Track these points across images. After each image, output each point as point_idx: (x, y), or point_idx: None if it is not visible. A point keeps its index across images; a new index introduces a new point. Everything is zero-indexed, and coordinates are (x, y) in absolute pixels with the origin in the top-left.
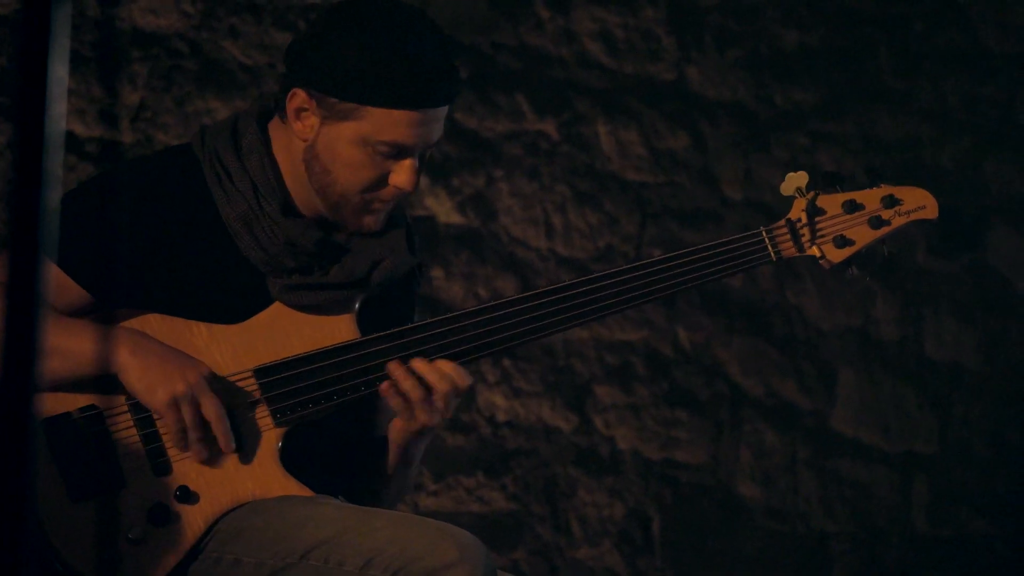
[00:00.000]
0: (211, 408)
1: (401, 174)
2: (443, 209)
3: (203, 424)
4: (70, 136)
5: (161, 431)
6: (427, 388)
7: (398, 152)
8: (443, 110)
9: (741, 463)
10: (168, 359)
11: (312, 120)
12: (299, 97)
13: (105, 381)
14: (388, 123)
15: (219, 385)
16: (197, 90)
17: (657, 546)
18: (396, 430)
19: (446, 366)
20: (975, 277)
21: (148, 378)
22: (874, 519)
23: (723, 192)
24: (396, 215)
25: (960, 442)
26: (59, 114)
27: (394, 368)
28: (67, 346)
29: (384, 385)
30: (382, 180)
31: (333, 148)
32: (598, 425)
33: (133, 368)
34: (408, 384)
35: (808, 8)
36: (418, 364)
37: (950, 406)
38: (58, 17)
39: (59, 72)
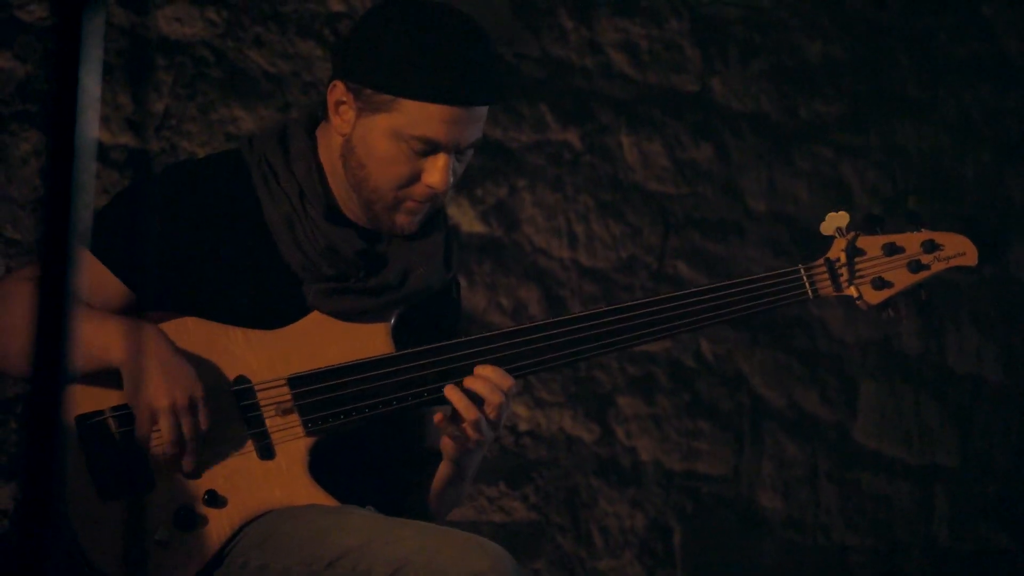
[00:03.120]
0: (185, 431)
1: (433, 173)
2: (466, 218)
3: (176, 440)
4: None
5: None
6: (479, 403)
7: (431, 148)
8: (479, 111)
9: (762, 475)
10: (169, 370)
11: (349, 114)
12: (338, 89)
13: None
14: (421, 117)
15: (209, 406)
16: (221, 98)
17: (678, 557)
18: (448, 447)
19: (487, 370)
20: (997, 289)
21: (140, 377)
22: (895, 532)
23: (746, 203)
24: (438, 224)
25: (982, 455)
26: (90, 124)
27: (451, 392)
28: (84, 339)
29: (438, 416)
30: (415, 177)
31: (367, 141)
32: (620, 436)
33: (134, 364)
34: (463, 405)
35: (831, 20)
36: (471, 382)
37: (972, 419)
38: (90, 28)
39: (90, 83)
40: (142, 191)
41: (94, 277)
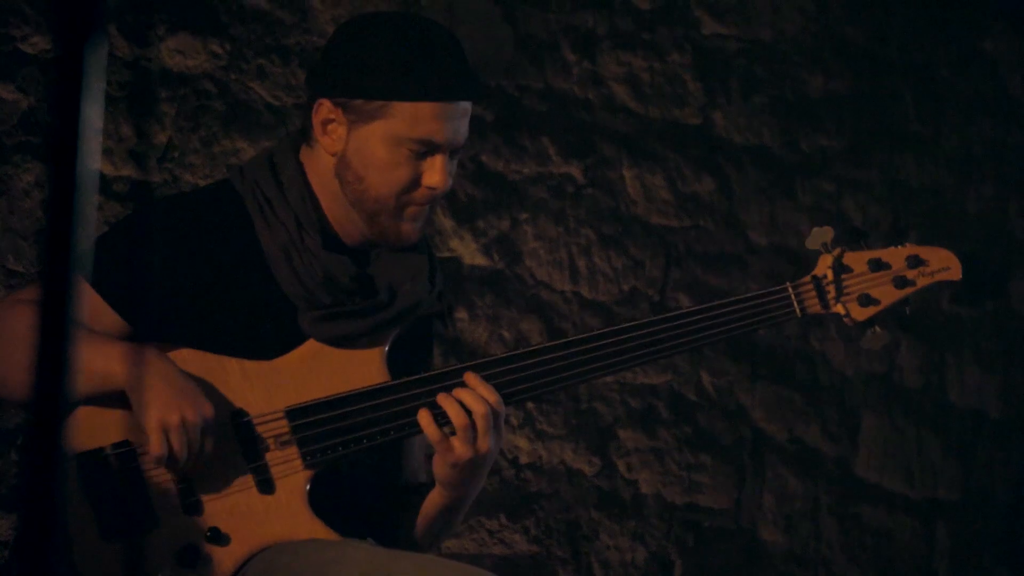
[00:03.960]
0: (192, 448)
1: (433, 174)
2: (468, 251)
3: (183, 457)
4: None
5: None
6: (468, 413)
7: (428, 149)
8: (468, 107)
9: (764, 508)
10: (177, 388)
11: (340, 130)
12: (324, 107)
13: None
14: (416, 118)
15: (216, 431)
16: (224, 130)
17: None
18: (436, 467)
19: (472, 379)
20: (998, 324)
21: (151, 396)
22: (896, 566)
23: (748, 237)
24: (421, 242)
25: (983, 489)
26: (92, 156)
27: (442, 399)
28: (89, 363)
29: (422, 412)
30: (415, 181)
31: (363, 152)
32: (621, 469)
33: (143, 385)
34: (453, 411)
35: (833, 54)
36: (458, 392)
37: (973, 453)
38: (92, 60)
39: (92, 115)
40: (138, 223)
41: (90, 308)
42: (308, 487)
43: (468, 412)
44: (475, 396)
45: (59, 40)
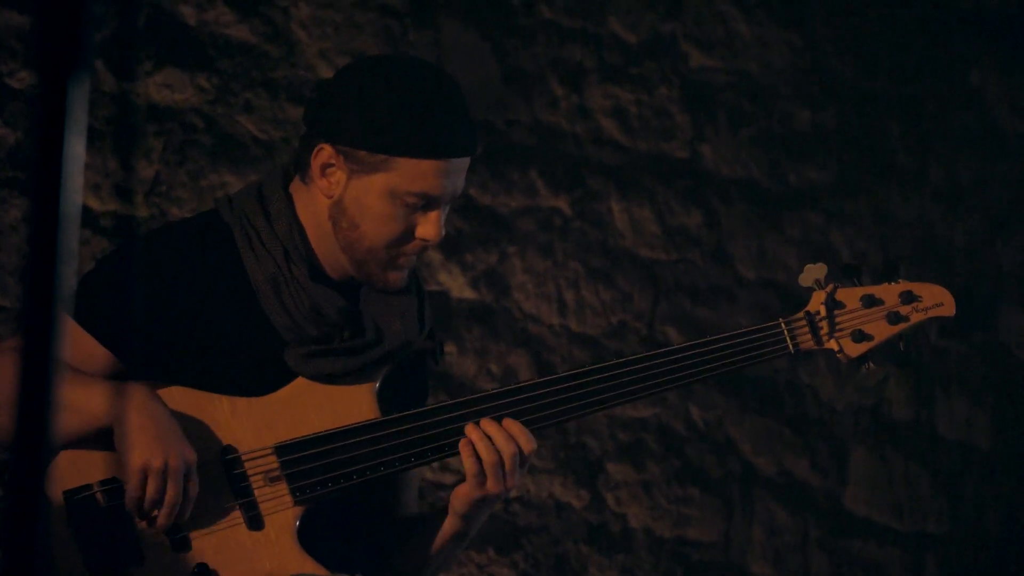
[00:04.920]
0: (171, 494)
1: (428, 226)
2: (456, 284)
3: (160, 502)
4: (85, 210)
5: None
6: (499, 451)
7: (426, 203)
8: (467, 161)
9: (753, 542)
10: (164, 431)
11: (339, 176)
12: (325, 152)
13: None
14: (417, 174)
15: (198, 476)
16: (211, 164)
17: None
18: (460, 499)
19: (513, 427)
20: (987, 357)
21: (136, 436)
22: None
23: (736, 270)
24: (411, 281)
25: (972, 522)
26: (75, 190)
27: (471, 430)
28: (77, 402)
29: (463, 443)
30: (409, 233)
31: (361, 202)
32: (610, 502)
33: (129, 423)
34: (483, 445)
35: (821, 88)
36: (487, 425)
37: (962, 486)
38: (75, 94)
39: (76, 149)
40: (126, 257)
41: (79, 345)
42: (298, 523)
43: (497, 450)
44: (506, 436)
45: (42, 73)
